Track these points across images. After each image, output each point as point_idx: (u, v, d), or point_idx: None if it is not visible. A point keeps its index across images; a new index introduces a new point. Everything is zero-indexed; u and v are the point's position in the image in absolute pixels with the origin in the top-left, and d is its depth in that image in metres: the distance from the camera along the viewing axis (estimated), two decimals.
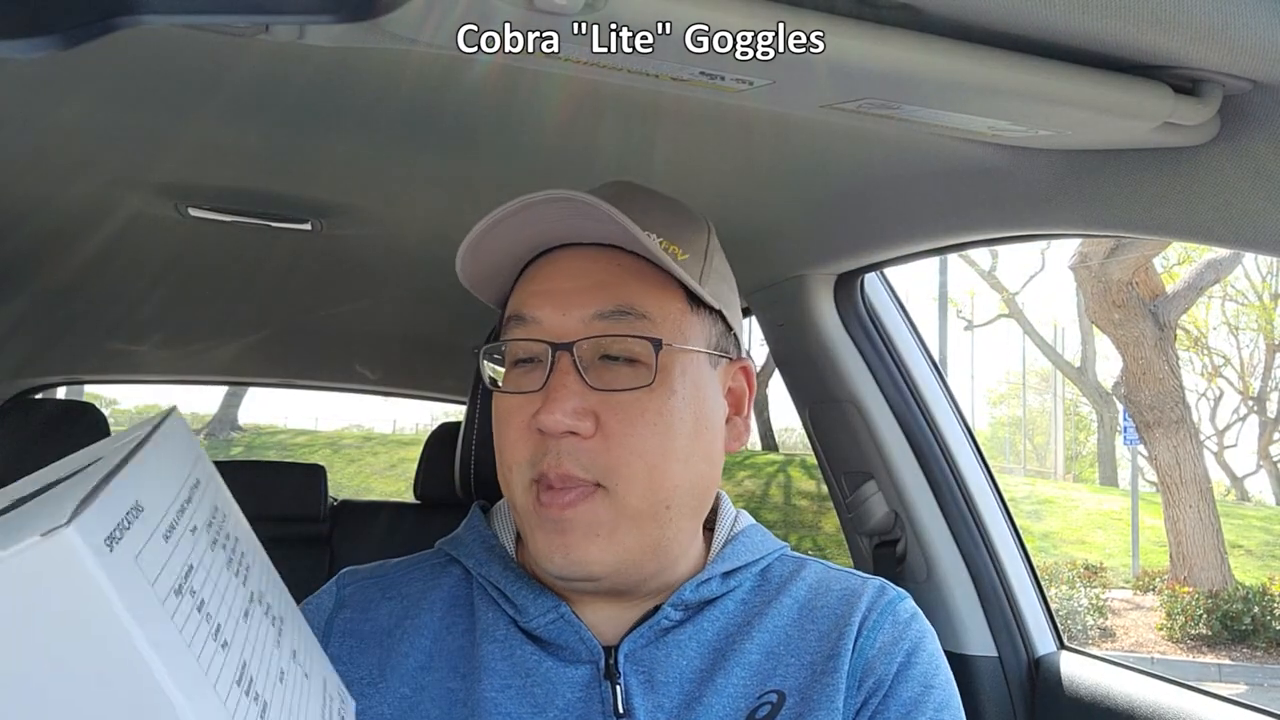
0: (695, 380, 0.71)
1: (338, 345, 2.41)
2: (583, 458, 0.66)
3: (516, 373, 0.71)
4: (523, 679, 0.70)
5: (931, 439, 1.39)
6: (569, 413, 0.65)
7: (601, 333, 0.68)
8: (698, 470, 0.71)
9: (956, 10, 0.60)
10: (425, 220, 1.38)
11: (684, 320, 0.71)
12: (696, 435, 0.70)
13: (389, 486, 15.29)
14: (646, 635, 0.72)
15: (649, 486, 0.68)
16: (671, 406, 0.69)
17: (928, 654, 0.75)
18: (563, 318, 0.68)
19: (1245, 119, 0.71)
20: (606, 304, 0.68)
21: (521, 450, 0.69)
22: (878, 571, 1.43)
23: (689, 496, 0.71)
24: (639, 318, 0.68)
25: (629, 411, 0.67)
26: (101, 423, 2.04)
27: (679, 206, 0.78)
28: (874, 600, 0.76)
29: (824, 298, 1.39)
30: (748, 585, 0.77)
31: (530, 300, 0.70)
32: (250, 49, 0.80)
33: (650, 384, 0.67)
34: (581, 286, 0.69)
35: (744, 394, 0.78)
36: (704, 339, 0.73)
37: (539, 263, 0.73)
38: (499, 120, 0.96)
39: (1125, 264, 7.79)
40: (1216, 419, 20.38)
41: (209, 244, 1.56)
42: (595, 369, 0.68)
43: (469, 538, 0.79)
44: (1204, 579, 8.34)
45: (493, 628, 0.73)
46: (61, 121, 1.02)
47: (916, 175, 1.04)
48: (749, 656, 0.72)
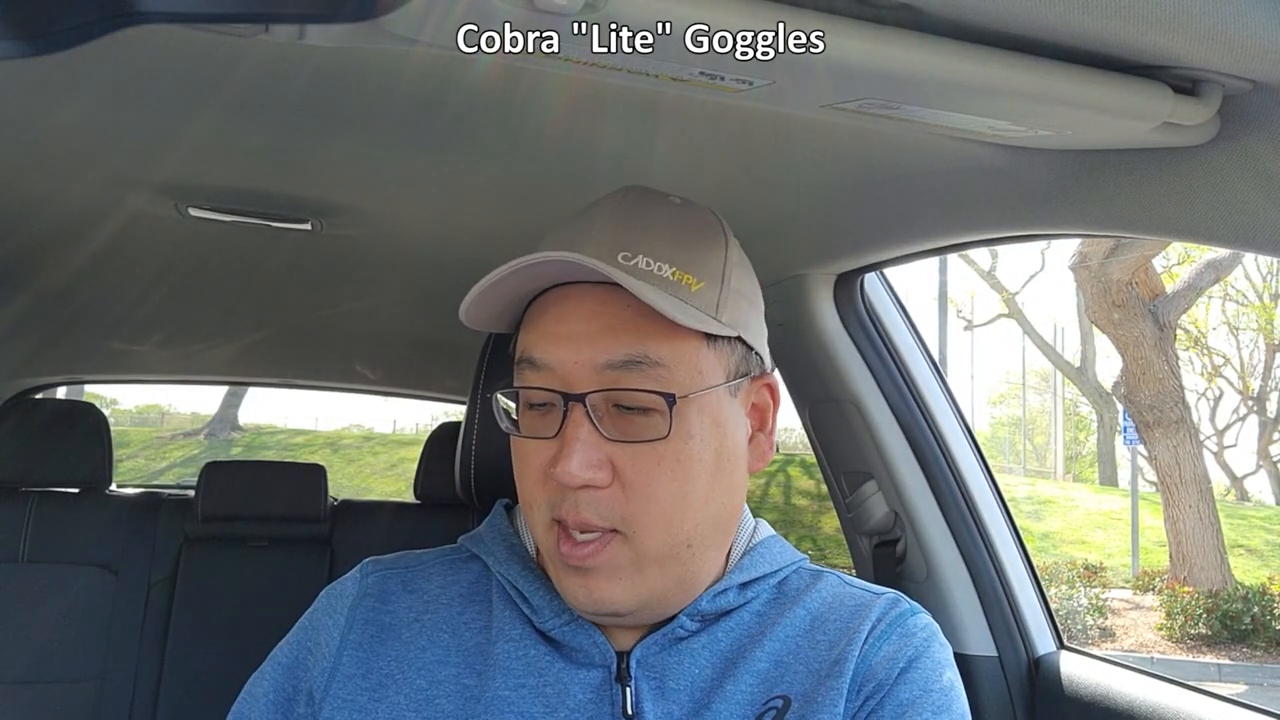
0: (714, 416, 0.70)
1: (338, 345, 2.41)
2: (600, 507, 0.66)
3: (532, 415, 0.70)
4: (536, 678, 0.71)
5: (931, 439, 1.38)
6: (583, 466, 0.65)
7: (613, 385, 0.66)
8: (719, 504, 0.71)
9: (956, 10, 0.60)
10: (425, 220, 1.38)
11: (699, 357, 0.69)
12: (717, 472, 0.70)
13: (389, 486, 15.28)
14: (660, 642, 0.72)
15: (667, 532, 0.68)
16: (689, 451, 0.68)
17: (932, 660, 0.74)
18: (574, 364, 0.67)
19: (1245, 119, 0.71)
20: (617, 353, 0.66)
21: (541, 493, 0.69)
22: (878, 571, 1.43)
23: (711, 531, 0.71)
24: (652, 366, 0.67)
25: (645, 461, 0.67)
26: (101, 423, 2.04)
27: (692, 219, 0.75)
28: (885, 612, 0.75)
29: (824, 297, 1.39)
30: (764, 597, 0.77)
31: (540, 343, 0.69)
32: (250, 49, 0.80)
33: (666, 436, 0.66)
34: (592, 331, 0.67)
35: (768, 408, 0.77)
36: (722, 370, 0.71)
37: (548, 299, 0.71)
38: (499, 120, 0.96)
39: (1125, 264, 7.79)
40: (1216, 419, 20.37)
41: (209, 244, 1.56)
42: (610, 418, 0.67)
43: (490, 536, 0.80)
44: (1204, 579, 8.34)
45: (509, 626, 0.73)
46: (61, 121, 1.02)
47: (916, 175, 1.04)
48: (758, 665, 0.72)
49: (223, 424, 19.09)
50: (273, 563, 1.94)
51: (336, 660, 0.73)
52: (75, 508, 1.92)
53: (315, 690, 0.73)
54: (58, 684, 1.77)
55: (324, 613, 0.77)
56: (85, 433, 1.98)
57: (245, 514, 1.97)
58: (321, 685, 0.73)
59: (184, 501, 2.01)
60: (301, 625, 0.79)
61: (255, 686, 0.77)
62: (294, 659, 0.76)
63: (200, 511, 1.94)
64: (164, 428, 22.24)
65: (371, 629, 0.75)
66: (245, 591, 1.89)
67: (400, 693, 0.71)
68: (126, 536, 1.91)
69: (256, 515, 1.98)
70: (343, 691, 0.72)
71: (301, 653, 0.76)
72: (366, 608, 0.76)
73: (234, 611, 1.86)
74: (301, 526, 2.00)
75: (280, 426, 22.21)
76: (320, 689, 0.73)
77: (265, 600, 1.86)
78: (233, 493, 1.98)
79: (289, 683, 0.75)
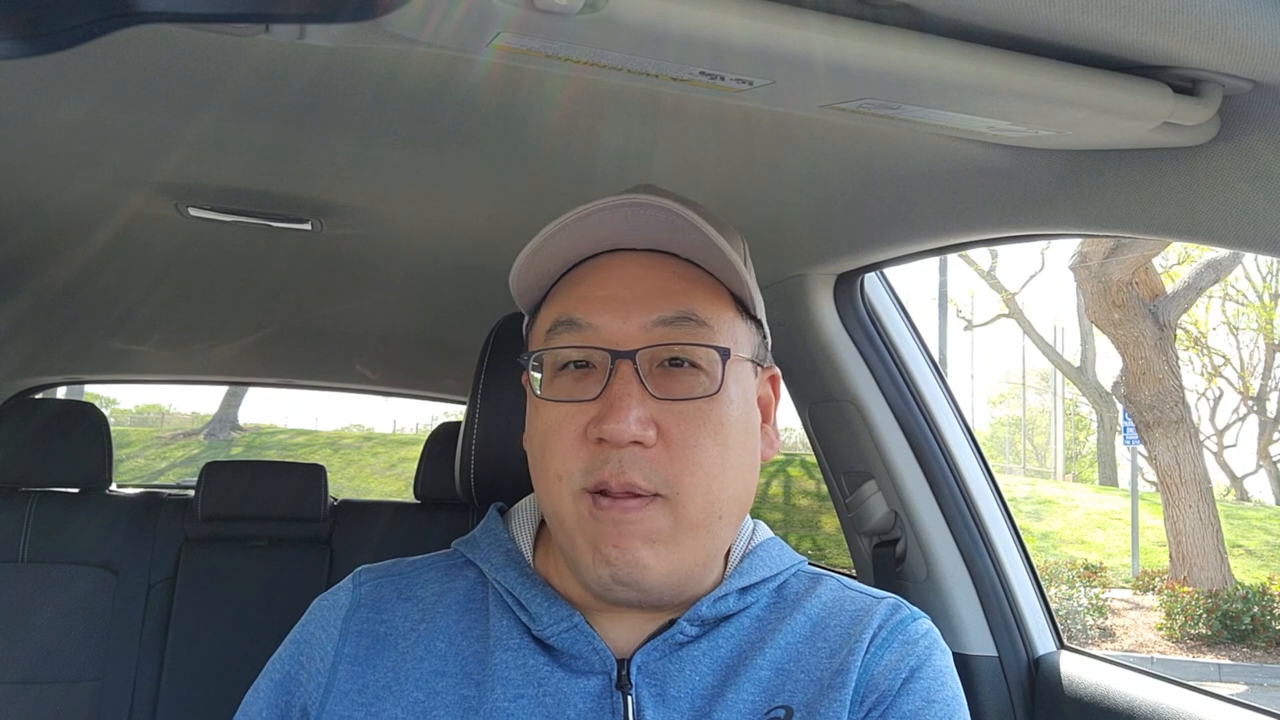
0: (745, 389, 0.71)
1: (338, 345, 2.41)
2: (645, 467, 0.65)
3: (565, 379, 0.69)
4: (535, 688, 0.69)
5: (931, 439, 1.38)
6: (634, 421, 0.64)
7: (665, 340, 0.67)
8: (745, 480, 0.71)
9: (956, 10, 0.60)
10: (425, 220, 1.38)
11: (736, 328, 0.71)
12: (746, 445, 0.71)
13: (389, 486, 15.28)
14: (661, 649, 0.71)
15: (708, 497, 0.67)
16: (730, 416, 0.69)
17: (934, 669, 0.73)
18: (623, 324, 0.67)
19: (1245, 119, 0.71)
20: (669, 310, 0.68)
21: (574, 460, 0.67)
22: (878, 571, 1.43)
23: (737, 505, 0.71)
24: (700, 325, 0.68)
25: (692, 421, 0.67)
26: (101, 423, 2.04)
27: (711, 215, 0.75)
28: (886, 619, 0.75)
29: (824, 297, 1.39)
30: (764, 602, 0.76)
31: (584, 305, 0.69)
32: (250, 49, 0.80)
33: (715, 392, 0.67)
34: (640, 294, 0.68)
35: (771, 402, 0.78)
36: (750, 347, 0.73)
37: (586, 267, 0.71)
38: (499, 120, 0.96)
39: (1125, 264, 7.79)
40: (1216, 419, 20.40)
41: (209, 244, 1.56)
42: (655, 377, 0.68)
43: (485, 541, 0.79)
44: (1204, 579, 8.34)
45: (506, 635, 0.72)
46: (61, 121, 1.02)
47: (916, 175, 1.04)
48: (760, 673, 0.71)
49: (223, 424, 19.09)
50: (272, 563, 1.94)
51: (332, 674, 0.72)
52: (75, 508, 1.92)
53: (310, 706, 0.72)
54: (58, 684, 1.77)
55: (317, 624, 0.76)
56: (85, 433, 1.98)
57: (245, 514, 1.97)
58: (317, 701, 0.71)
59: (184, 501, 2.01)
60: (294, 638, 0.77)
61: (250, 705, 0.75)
62: (287, 674, 0.75)
63: (200, 511, 1.94)
64: (164, 428, 22.25)
65: (367, 640, 0.74)
66: (245, 591, 1.89)
67: (398, 705, 0.70)
68: (126, 536, 1.91)
69: (256, 515, 1.98)
70: (339, 708, 0.71)
71: (294, 667, 0.75)
72: (361, 618, 0.75)
73: (234, 611, 1.86)
74: (301, 526, 2.00)
75: (280, 426, 22.21)
76: (315, 705, 0.71)
77: (265, 600, 1.86)
78: (233, 493, 1.98)
79: (283, 699, 0.74)
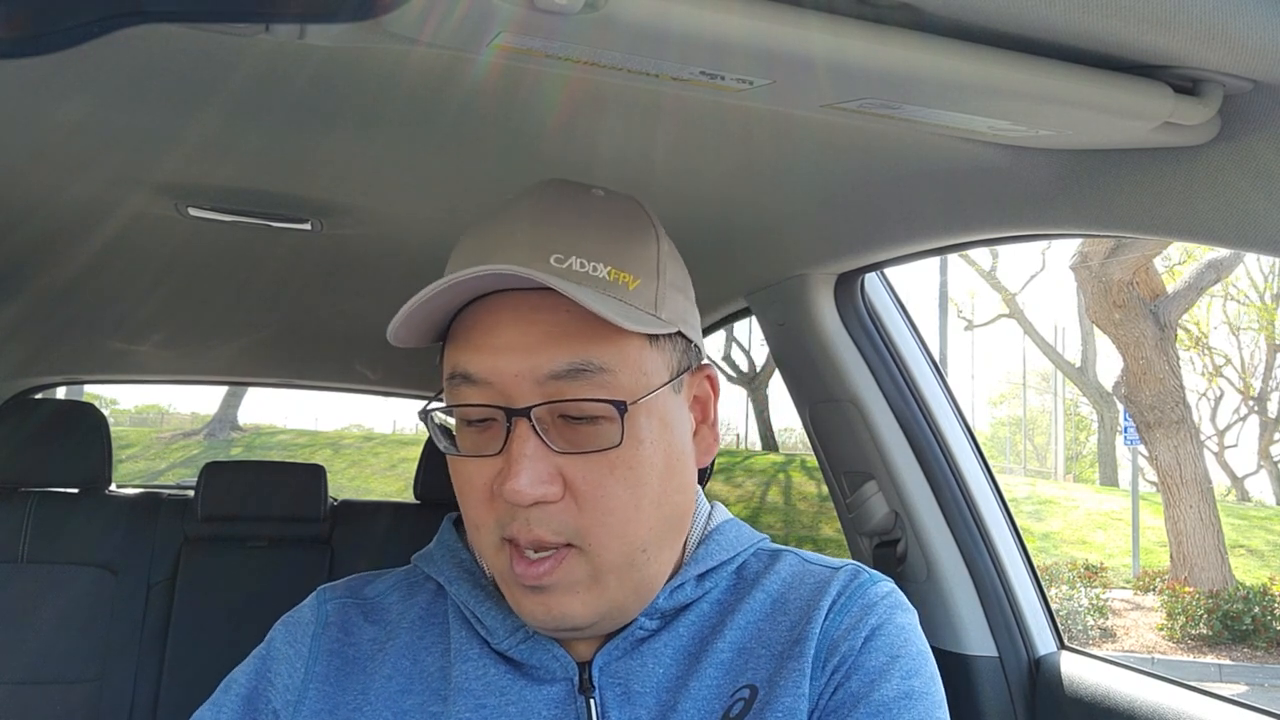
0: (662, 416, 0.67)
1: (338, 345, 2.41)
2: (553, 522, 0.64)
3: (471, 433, 0.67)
4: (497, 698, 0.68)
5: (932, 439, 1.38)
6: (534, 482, 0.62)
7: (559, 395, 0.63)
8: (672, 505, 0.69)
9: (956, 10, 0.60)
10: (426, 220, 1.38)
11: (643, 358, 0.66)
12: (668, 474, 0.68)
13: (389, 486, 15.29)
14: (621, 647, 0.70)
15: (623, 541, 0.65)
16: (641, 457, 0.65)
17: (896, 626, 0.71)
18: (515, 377, 0.64)
19: (1245, 119, 0.71)
20: (559, 362, 0.63)
21: (488, 513, 0.66)
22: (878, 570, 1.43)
23: (665, 533, 0.69)
24: (596, 372, 0.64)
25: (598, 470, 0.64)
26: (101, 423, 2.04)
27: (619, 212, 0.71)
28: (845, 585, 0.73)
29: (824, 297, 1.39)
30: (723, 585, 0.75)
31: (475, 357, 0.65)
32: (250, 49, 0.80)
33: (618, 444, 0.64)
34: (530, 342, 0.64)
35: (709, 399, 0.75)
36: (666, 369, 0.68)
37: (476, 310, 0.67)
38: (499, 120, 0.96)
39: (1125, 264, 7.79)
40: (1217, 419, 20.39)
41: (209, 244, 1.56)
42: (556, 429, 0.64)
43: (440, 554, 0.78)
44: (1204, 579, 8.33)
45: (466, 648, 0.71)
46: (61, 121, 1.01)
47: (916, 175, 1.04)
48: (721, 656, 0.70)
49: (222, 424, 19.09)
50: (272, 563, 1.95)
51: (302, 693, 0.71)
52: (75, 508, 1.92)
53: None
54: (58, 684, 1.77)
55: (284, 642, 0.74)
56: (85, 433, 1.98)
57: (245, 514, 1.97)
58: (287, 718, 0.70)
59: (184, 502, 2.01)
60: (259, 654, 0.75)
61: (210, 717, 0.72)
62: (253, 689, 0.73)
63: (200, 512, 1.94)
64: (164, 428, 22.25)
65: (336, 661, 0.73)
66: (245, 591, 1.89)
67: None
68: (126, 537, 1.91)
69: (256, 516, 1.98)
70: None
71: (261, 683, 0.73)
72: (330, 638, 0.74)
73: (233, 612, 1.86)
74: (301, 527, 2.00)
75: (280, 427, 22.22)
76: None
77: (265, 600, 1.86)
78: (232, 493, 1.99)
79: (249, 714, 0.72)
